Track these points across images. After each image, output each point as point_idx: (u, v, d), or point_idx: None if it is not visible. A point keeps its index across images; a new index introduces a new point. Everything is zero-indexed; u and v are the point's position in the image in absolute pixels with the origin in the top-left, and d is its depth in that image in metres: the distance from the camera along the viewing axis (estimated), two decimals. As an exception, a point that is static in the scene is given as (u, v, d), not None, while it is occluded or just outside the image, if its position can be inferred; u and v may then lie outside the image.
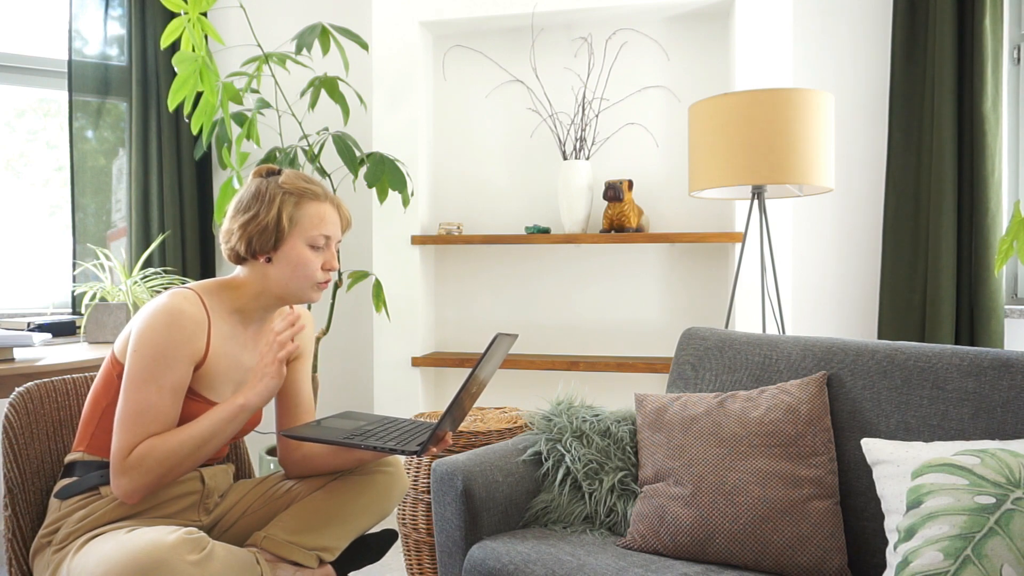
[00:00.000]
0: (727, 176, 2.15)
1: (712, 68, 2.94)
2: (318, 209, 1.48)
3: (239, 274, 1.50)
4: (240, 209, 1.46)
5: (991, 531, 1.16)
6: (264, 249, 1.45)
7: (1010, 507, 1.17)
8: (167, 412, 1.35)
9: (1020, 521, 1.15)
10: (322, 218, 1.48)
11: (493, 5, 2.92)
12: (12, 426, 1.45)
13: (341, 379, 3.41)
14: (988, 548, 1.14)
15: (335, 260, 1.51)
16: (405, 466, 2.32)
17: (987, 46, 2.52)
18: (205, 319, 1.41)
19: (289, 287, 1.47)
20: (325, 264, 1.49)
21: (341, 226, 1.55)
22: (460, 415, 1.47)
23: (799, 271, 2.95)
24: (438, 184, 3.21)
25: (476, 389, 1.48)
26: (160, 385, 1.34)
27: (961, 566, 1.14)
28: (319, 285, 1.49)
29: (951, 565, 1.15)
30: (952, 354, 1.52)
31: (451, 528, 1.64)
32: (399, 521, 2.33)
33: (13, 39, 2.97)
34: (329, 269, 1.49)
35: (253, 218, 1.44)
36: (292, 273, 1.46)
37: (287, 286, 1.47)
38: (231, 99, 2.56)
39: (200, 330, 1.39)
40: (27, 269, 3.02)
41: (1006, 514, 1.17)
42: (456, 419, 1.46)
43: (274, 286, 1.47)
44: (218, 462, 1.57)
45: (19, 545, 1.42)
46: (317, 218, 1.47)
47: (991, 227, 2.53)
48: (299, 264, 1.46)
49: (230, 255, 1.49)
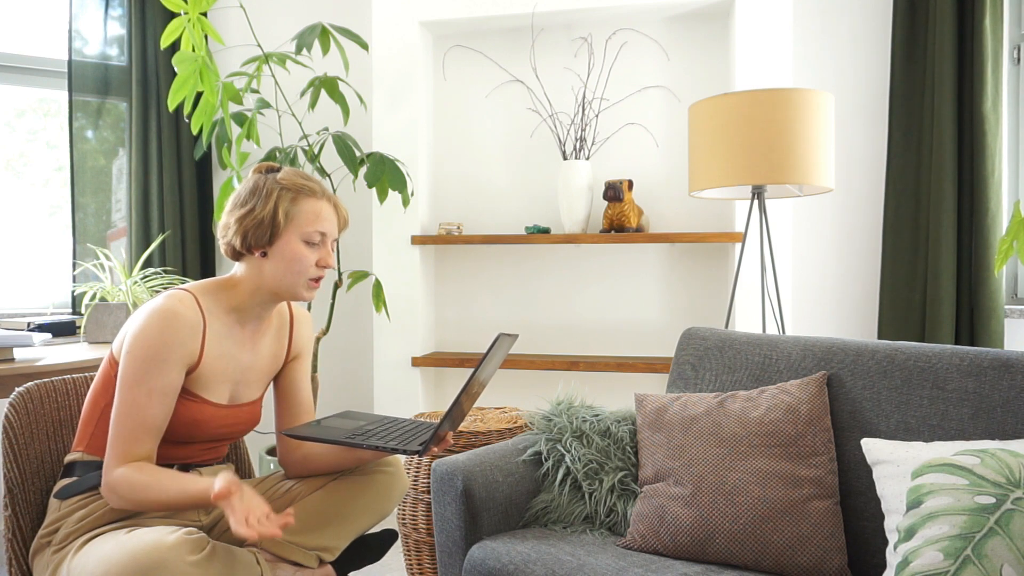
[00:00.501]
0: (727, 176, 2.15)
1: (712, 68, 2.94)
2: (314, 206, 1.48)
3: (235, 272, 1.51)
4: (237, 204, 1.47)
5: (991, 531, 1.16)
6: (259, 243, 1.45)
7: (1010, 507, 1.17)
8: (156, 415, 1.36)
9: (1020, 521, 1.15)
10: (318, 214, 1.48)
11: (493, 5, 2.92)
12: (12, 426, 1.45)
13: (341, 379, 3.41)
14: (988, 548, 1.14)
15: (331, 258, 1.51)
16: (405, 466, 2.32)
17: (987, 46, 2.52)
18: (200, 321, 1.41)
19: (283, 283, 1.47)
20: (320, 261, 1.49)
21: (338, 224, 1.55)
22: (460, 415, 1.47)
23: (799, 271, 2.95)
24: (438, 184, 3.21)
25: (477, 389, 1.48)
26: (150, 388, 1.35)
27: (961, 566, 1.14)
28: (311, 283, 1.49)
29: (951, 565, 1.15)
30: (952, 354, 1.52)
31: (451, 528, 1.64)
32: (399, 521, 2.33)
33: (13, 39, 2.97)
34: (324, 266, 1.49)
35: (249, 212, 1.44)
36: (286, 268, 1.46)
37: (281, 281, 1.47)
38: (231, 99, 2.56)
39: (194, 333, 1.39)
40: (27, 269, 3.02)
41: (1006, 514, 1.17)
42: (456, 419, 1.46)
43: (269, 281, 1.47)
44: (218, 462, 1.57)
45: (19, 545, 1.42)
46: (313, 214, 1.47)
47: (991, 227, 2.53)
48: (293, 259, 1.46)
49: (226, 250, 1.49)
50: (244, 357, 1.51)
